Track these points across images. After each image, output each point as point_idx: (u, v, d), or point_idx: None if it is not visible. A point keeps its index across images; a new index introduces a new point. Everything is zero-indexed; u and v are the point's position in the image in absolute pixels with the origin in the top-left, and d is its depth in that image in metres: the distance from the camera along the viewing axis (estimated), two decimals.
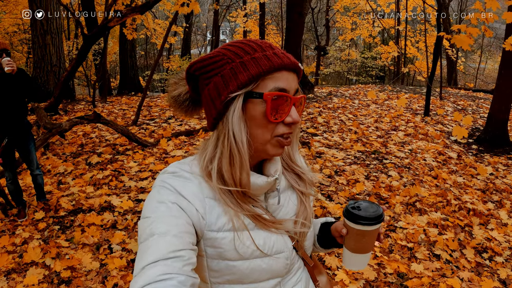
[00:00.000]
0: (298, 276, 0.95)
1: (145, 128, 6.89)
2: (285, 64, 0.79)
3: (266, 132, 0.81)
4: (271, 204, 0.90)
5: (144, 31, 15.44)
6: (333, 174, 4.96)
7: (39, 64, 9.57)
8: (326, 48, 20.38)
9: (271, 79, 0.79)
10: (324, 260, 3.16)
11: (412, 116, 8.29)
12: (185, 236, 0.72)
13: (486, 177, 5.20)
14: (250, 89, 0.78)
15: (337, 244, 1.05)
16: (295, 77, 0.83)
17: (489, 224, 3.99)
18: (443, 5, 8.27)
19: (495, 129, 6.53)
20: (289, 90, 0.80)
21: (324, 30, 22.19)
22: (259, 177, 0.85)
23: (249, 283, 0.84)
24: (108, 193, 4.30)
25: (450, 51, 16.55)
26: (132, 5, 6.98)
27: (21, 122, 3.69)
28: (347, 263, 0.95)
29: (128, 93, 13.29)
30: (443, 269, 3.20)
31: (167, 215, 0.74)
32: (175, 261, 0.66)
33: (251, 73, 0.77)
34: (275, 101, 0.78)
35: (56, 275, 2.95)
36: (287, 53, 0.84)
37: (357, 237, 0.90)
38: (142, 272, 0.64)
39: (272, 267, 0.85)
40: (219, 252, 0.81)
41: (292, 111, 0.81)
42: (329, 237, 1.06)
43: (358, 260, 0.93)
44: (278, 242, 0.87)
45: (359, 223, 0.88)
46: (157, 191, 0.80)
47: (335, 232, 1.01)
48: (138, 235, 0.75)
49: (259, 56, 0.79)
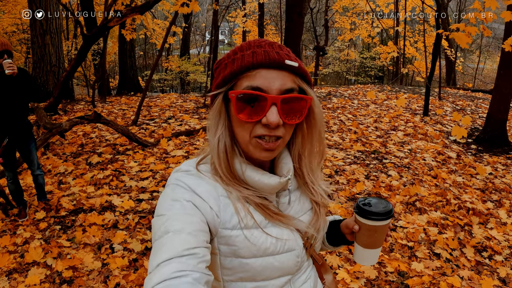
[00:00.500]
0: (308, 274, 0.96)
1: (145, 128, 6.90)
2: (259, 61, 0.77)
3: (244, 131, 0.81)
4: (282, 203, 0.91)
5: (143, 31, 15.45)
6: (333, 173, 4.98)
7: (39, 64, 9.56)
8: (325, 48, 20.39)
9: (246, 78, 0.78)
10: (326, 258, 3.18)
11: (411, 116, 8.31)
12: (200, 234, 0.72)
13: (485, 176, 5.22)
14: (226, 88, 0.80)
15: (346, 241, 1.07)
16: (286, 75, 0.79)
17: (488, 223, 4.01)
18: (442, 6, 8.29)
19: (494, 129, 6.55)
20: (266, 89, 0.77)
21: (323, 30, 22.20)
22: (271, 177, 0.85)
23: (261, 281, 0.85)
24: (109, 193, 4.30)
25: (449, 52, 16.59)
26: (132, 5, 6.98)
27: (21, 122, 3.67)
28: (359, 258, 0.98)
29: (127, 93, 13.29)
30: (443, 267, 3.21)
31: (181, 213, 0.74)
32: (190, 258, 0.66)
33: (226, 73, 0.79)
34: (243, 100, 0.77)
35: (58, 275, 2.95)
36: (280, 50, 0.81)
37: (368, 233, 0.93)
38: (157, 269, 0.64)
39: (283, 265, 0.86)
40: (233, 250, 0.81)
41: (270, 112, 0.77)
42: (338, 235, 1.07)
43: (370, 255, 0.96)
44: (290, 240, 0.88)
45: (371, 218, 0.90)
46: (172, 189, 0.80)
47: (345, 229, 1.03)
48: (152, 232, 0.75)
49: (238, 57, 0.80)
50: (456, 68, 19.12)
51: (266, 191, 0.86)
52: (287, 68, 0.79)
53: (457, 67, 19.29)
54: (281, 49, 0.81)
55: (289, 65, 0.78)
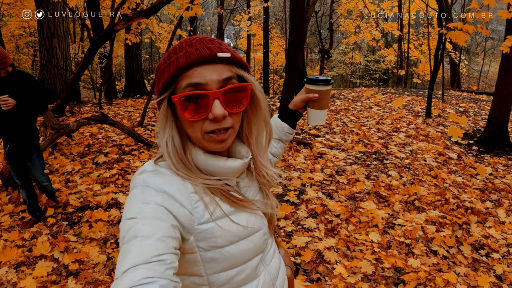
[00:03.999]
0: (273, 249, 1.05)
1: (151, 129, 7.02)
2: (193, 60, 0.79)
3: (195, 130, 0.84)
4: (242, 186, 0.97)
5: (149, 34, 15.61)
6: (334, 173, 5.05)
7: (46, 67, 9.74)
8: (329, 51, 20.42)
9: (183, 78, 0.81)
10: (324, 254, 3.26)
11: (414, 118, 8.37)
12: (169, 240, 0.71)
13: (486, 177, 5.27)
14: (168, 93, 0.83)
15: (299, 115, 1.26)
16: (221, 67, 0.82)
17: (486, 222, 4.06)
18: (446, 8, 8.35)
19: (495, 131, 6.60)
20: (205, 84, 0.80)
21: (327, 33, 22.25)
22: (235, 161, 0.90)
23: (242, 265, 0.89)
24: (115, 191, 4.42)
25: (453, 54, 16.59)
26: (137, 9, 7.12)
27: (24, 130, 3.49)
28: (314, 120, 1.21)
29: (134, 96, 13.44)
30: (440, 264, 3.28)
31: (152, 217, 0.73)
32: (158, 265, 0.65)
33: (164, 78, 0.83)
34: (186, 100, 0.80)
35: (65, 268, 3.06)
36: (211, 45, 0.83)
37: (322, 96, 1.17)
38: (124, 275, 0.63)
39: (256, 245, 0.92)
40: (212, 242, 0.83)
41: (214, 106, 0.80)
42: (292, 116, 1.26)
43: (321, 115, 1.20)
44: (257, 221, 0.94)
45: (320, 84, 1.15)
46: (141, 191, 0.78)
47: (299, 103, 1.21)
48: (120, 236, 0.72)
49: (173, 60, 0.82)
50: (460, 70, 19.11)
51: (229, 175, 0.90)
52: (221, 60, 0.82)
53: (461, 69, 19.28)
54: (212, 43, 0.83)
55: (222, 57, 0.81)
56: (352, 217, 3.93)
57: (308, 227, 3.74)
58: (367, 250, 3.38)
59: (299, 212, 4.01)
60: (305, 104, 1.21)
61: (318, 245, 3.40)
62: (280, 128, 1.26)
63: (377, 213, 3.99)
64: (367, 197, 4.40)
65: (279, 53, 22.47)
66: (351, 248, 3.42)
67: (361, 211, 4.04)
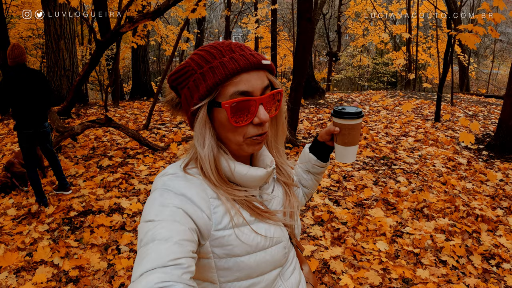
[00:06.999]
0: (294, 264, 1.01)
1: (156, 133, 6.98)
2: (242, 67, 0.80)
3: (237, 135, 0.85)
4: (265, 195, 0.95)
5: (156, 37, 15.63)
6: (341, 179, 4.97)
7: (53, 69, 9.76)
8: (337, 54, 20.37)
9: (230, 85, 0.81)
10: (330, 264, 3.17)
11: (423, 122, 8.24)
12: (186, 244, 0.71)
13: (496, 183, 5.14)
14: (211, 98, 0.82)
15: (329, 149, 1.18)
16: (262, 74, 0.84)
17: (497, 230, 3.95)
18: (455, 9, 8.24)
19: (505, 135, 6.46)
20: (252, 91, 0.82)
21: (336, 36, 22.17)
22: (258, 169, 0.90)
23: (256, 277, 0.87)
24: (118, 196, 4.37)
25: (462, 57, 16.42)
26: (143, 12, 7.10)
27: (44, 118, 4.16)
28: (340, 157, 1.11)
29: (140, 98, 13.45)
30: (449, 275, 3.18)
31: (170, 220, 0.73)
32: (175, 268, 0.65)
33: (209, 84, 0.81)
34: (236, 106, 0.81)
35: (65, 274, 3.01)
36: (251, 51, 0.85)
37: (346, 131, 1.06)
38: (141, 278, 0.63)
39: (274, 257, 0.89)
40: (227, 250, 0.82)
41: (260, 112, 0.83)
42: (321, 149, 1.19)
43: (349, 152, 1.09)
44: (277, 232, 0.91)
45: (347, 118, 1.04)
46: (160, 193, 0.79)
47: (325, 136, 1.14)
48: (138, 238, 0.73)
49: (216, 65, 0.81)
50: (469, 74, 18.90)
51: (252, 184, 0.90)
52: (264, 67, 0.84)
53: (470, 72, 19.08)
54: (251, 50, 0.85)
55: (265, 64, 0.84)
56: (359, 225, 3.84)
57: (314, 235, 3.66)
58: (374, 260, 3.29)
59: (305, 220, 3.93)
60: (331, 137, 1.14)
61: (324, 254, 3.31)
62: (307, 159, 1.22)
63: (385, 220, 3.90)
64: (375, 204, 4.31)
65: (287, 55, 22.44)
66: (358, 257, 3.33)
67: (369, 219, 3.95)
